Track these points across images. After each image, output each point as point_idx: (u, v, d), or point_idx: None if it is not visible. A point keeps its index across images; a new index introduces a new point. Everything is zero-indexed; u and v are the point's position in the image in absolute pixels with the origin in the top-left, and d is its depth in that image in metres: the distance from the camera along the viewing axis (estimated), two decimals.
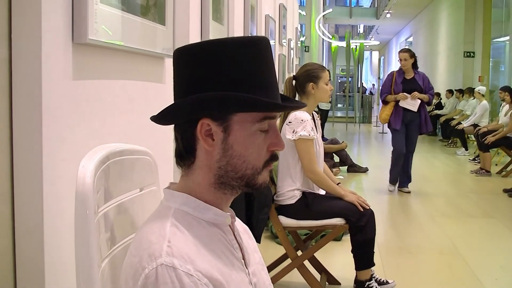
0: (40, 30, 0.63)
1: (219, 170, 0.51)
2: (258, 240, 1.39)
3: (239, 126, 0.51)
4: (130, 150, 0.63)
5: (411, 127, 2.99)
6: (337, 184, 1.56)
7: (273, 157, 0.53)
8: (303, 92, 1.58)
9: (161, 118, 0.53)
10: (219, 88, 0.50)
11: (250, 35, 2.15)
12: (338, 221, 1.48)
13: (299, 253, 1.59)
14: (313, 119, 1.58)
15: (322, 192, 1.58)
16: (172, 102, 0.53)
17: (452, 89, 6.70)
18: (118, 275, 0.53)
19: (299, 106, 0.59)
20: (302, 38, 8.26)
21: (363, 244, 1.47)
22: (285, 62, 3.96)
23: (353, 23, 14.37)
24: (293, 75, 1.62)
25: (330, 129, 7.62)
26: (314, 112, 1.64)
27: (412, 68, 2.97)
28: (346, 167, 3.90)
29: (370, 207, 1.50)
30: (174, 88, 0.54)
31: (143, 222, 0.53)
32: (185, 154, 0.53)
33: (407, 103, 2.92)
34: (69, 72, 0.71)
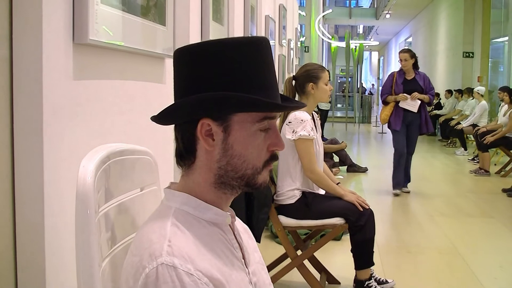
0: (41, 31, 0.64)
1: (219, 170, 0.52)
2: (258, 240, 1.39)
3: (239, 126, 0.51)
4: (131, 150, 0.63)
5: (412, 128, 2.97)
6: (337, 184, 1.56)
7: (273, 157, 0.54)
8: (303, 92, 1.59)
9: (162, 118, 0.53)
10: (219, 88, 0.50)
11: (250, 36, 2.15)
12: (338, 221, 1.49)
13: (299, 253, 1.59)
14: (313, 119, 1.59)
15: (322, 192, 1.58)
16: (173, 102, 0.53)
17: (451, 89, 6.71)
18: (119, 275, 0.53)
19: (299, 106, 0.59)
20: (302, 39, 8.25)
21: (363, 244, 1.48)
22: (285, 63, 3.96)
23: (353, 24, 14.38)
24: (293, 75, 1.62)
25: (330, 129, 7.62)
26: (314, 112, 1.64)
27: (413, 69, 2.95)
28: (346, 167, 3.90)
29: (370, 207, 1.50)
30: (174, 88, 0.54)
31: (144, 222, 0.53)
32: (186, 154, 0.53)
33: (407, 104, 2.91)
34: (70, 72, 0.71)
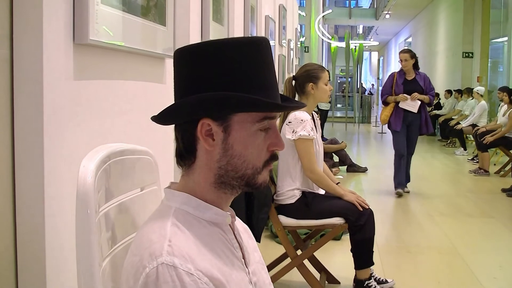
0: (42, 31, 0.64)
1: (220, 170, 0.52)
2: (258, 240, 1.39)
3: (239, 126, 0.51)
4: (131, 150, 0.63)
5: (412, 128, 2.96)
6: (337, 184, 1.56)
7: (273, 157, 0.54)
8: (303, 92, 1.59)
9: (162, 118, 0.53)
10: (219, 88, 0.50)
11: (250, 36, 2.16)
12: (338, 221, 1.49)
13: (299, 252, 1.59)
14: (313, 119, 1.59)
15: (322, 192, 1.58)
16: (173, 102, 0.53)
17: (451, 89, 6.72)
18: (119, 274, 0.53)
19: (299, 106, 0.59)
20: (302, 39, 8.25)
21: (362, 243, 1.48)
22: (285, 63, 3.96)
23: (353, 24, 14.39)
24: (293, 76, 1.62)
25: (330, 129, 7.62)
26: (314, 112, 1.64)
27: (413, 69, 2.94)
28: (346, 167, 3.90)
29: (369, 207, 1.50)
30: (175, 88, 0.54)
31: (144, 222, 0.53)
32: (186, 154, 0.53)
33: (407, 104, 2.90)
34: (70, 73, 0.71)
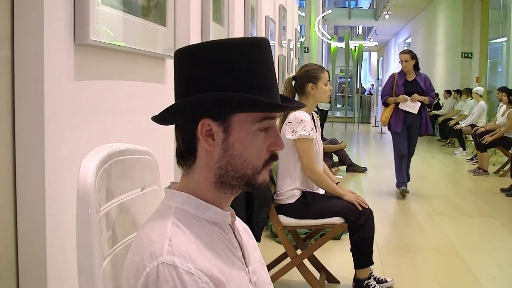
0: (42, 31, 0.64)
1: (220, 170, 0.52)
2: (258, 239, 1.39)
3: (239, 126, 0.51)
4: (132, 150, 0.64)
5: (412, 130, 2.94)
6: (336, 184, 1.56)
7: (273, 157, 0.54)
8: (303, 93, 1.59)
9: (162, 118, 0.53)
10: (220, 89, 0.50)
11: (250, 36, 2.16)
12: (337, 220, 1.49)
13: (299, 252, 1.60)
14: (313, 119, 1.59)
15: (322, 192, 1.59)
16: (173, 102, 0.53)
17: (450, 90, 6.73)
18: (120, 274, 0.53)
19: (299, 106, 0.59)
20: (302, 39, 8.26)
21: (362, 243, 1.48)
22: (285, 63, 3.96)
23: (352, 24, 14.39)
24: (293, 76, 1.63)
25: (329, 129, 7.63)
26: (314, 112, 1.65)
27: (414, 70, 2.92)
28: (345, 167, 3.90)
29: (369, 206, 1.51)
30: (175, 89, 0.54)
31: (144, 221, 0.53)
32: (186, 154, 0.53)
33: (407, 106, 2.88)
34: (71, 73, 0.71)
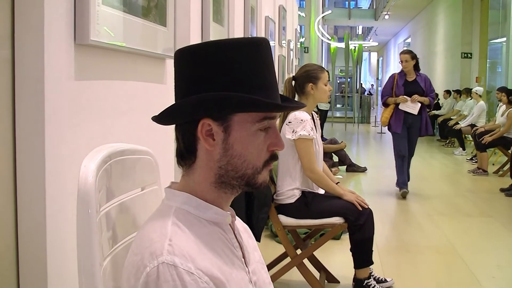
0: (43, 31, 0.64)
1: (220, 170, 0.52)
2: (258, 239, 1.39)
3: (239, 126, 0.51)
4: (132, 150, 0.64)
5: (412, 130, 2.93)
6: (336, 184, 1.57)
7: (273, 157, 0.54)
8: (303, 93, 1.59)
9: (162, 118, 0.54)
10: (220, 89, 0.50)
11: (250, 36, 2.16)
12: (337, 220, 1.49)
13: (299, 252, 1.60)
14: (313, 119, 1.59)
15: (322, 192, 1.59)
16: (173, 103, 0.53)
17: (450, 90, 6.74)
18: (120, 274, 0.53)
19: (299, 107, 0.59)
20: (302, 39, 8.27)
21: (362, 243, 1.48)
22: (285, 63, 3.97)
23: (352, 25, 14.39)
24: (293, 76, 1.63)
25: (329, 129, 7.63)
26: (314, 112, 1.65)
27: (414, 70, 2.91)
28: (345, 167, 3.90)
29: (369, 206, 1.51)
30: (175, 89, 0.54)
31: (145, 221, 0.54)
32: (186, 154, 0.53)
33: (408, 106, 2.87)
34: (72, 73, 0.71)
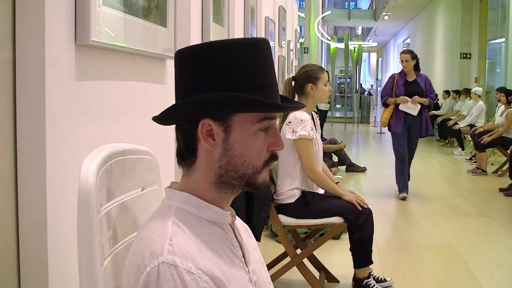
0: (44, 32, 0.64)
1: (220, 170, 0.52)
2: (258, 239, 1.39)
3: (240, 126, 0.51)
4: (132, 150, 0.64)
5: (413, 130, 2.90)
6: (336, 183, 1.57)
7: (273, 157, 0.54)
8: (302, 93, 1.60)
9: (163, 119, 0.54)
10: (220, 89, 0.50)
11: (250, 37, 2.16)
12: (337, 220, 1.49)
13: (298, 251, 1.60)
14: (312, 119, 1.60)
15: (321, 191, 1.59)
16: (174, 103, 0.54)
17: (449, 90, 6.74)
18: (120, 273, 0.53)
19: (299, 107, 0.60)
20: (302, 40, 8.28)
21: (361, 243, 1.49)
22: (285, 63, 3.97)
23: (352, 25, 14.40)
24: (292, 76, 1.63)
25: (329, 129, 7.63)
26: (313, 112, 1.65)
27: (414, 70, 2.88)
28: (345, 167, 3.90)
29: (368, 206, 1.51)
30: (176, 89, 0.54)
31: (145, 221, 0.54)
32: (187, 154, 0.53)
33: (407, 107, 2.85)
34: (72, 73, 0.71)
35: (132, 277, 0.47)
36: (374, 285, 1.53)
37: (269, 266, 1.63)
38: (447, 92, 6.73)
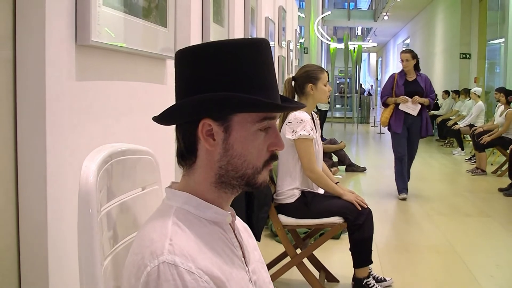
0: (44, 32, 0.64)
1: (220, 170, 0.52)
2: (258, 239, 1.39)
3: (240, 126, 0.51)
4: (132, 150, 0.64)
5: (413, 130, 2.89)
6: (336, 183, 1.57)
7: (273, 157, 0.54)
8: (302, 93, 1.60)
9: (163, 119, 0.54)
10: (220, 89, 0.51)
11: (250, 37, 2.17)
12: (337, 220, 1.50)
13: (298, 251, 1.60)
14: (312, 119, 1.60)
15: (321, 191, 1.59)
16: (174, 103, 0.54)
17: (449, 90, 6.75)
18: (121, 273, 0.53)
19: (299, 107, 0.60)
20: (301, 40, 8.28)
21: (361, 242, 1.49)
22: (285, 64, 3.98)
23: (351, 25, 14.40)
24: (292, 76, 1.63)
25: (329, 129, 7.64)
26: (313, 113, 1.65)
27: (414, 70, 2.87)
28: (345, 167, 3.91)
29: (368, 206, 1.51)
30: (176, 89, 0.54)
31: (145, 221, 0.54)
32: (187, 154, 0.53)
33: (407, 107, 2.84)
34: (73, 73, 0.72)
35: (132, 277, 0.47)
36: (374, 285, 1.53)
37: (269, 266, 1.63)
38: (447, 92, 6.74)
